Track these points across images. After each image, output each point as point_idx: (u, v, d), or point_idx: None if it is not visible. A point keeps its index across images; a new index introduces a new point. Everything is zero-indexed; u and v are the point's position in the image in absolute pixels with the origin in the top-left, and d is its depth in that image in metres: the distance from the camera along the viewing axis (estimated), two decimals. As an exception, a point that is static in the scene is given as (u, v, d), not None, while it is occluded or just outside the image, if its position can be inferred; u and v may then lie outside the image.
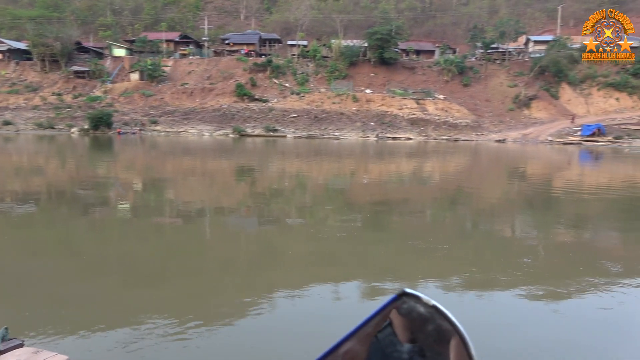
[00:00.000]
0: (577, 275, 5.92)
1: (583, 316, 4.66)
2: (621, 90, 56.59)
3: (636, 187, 16.27)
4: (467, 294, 5.23)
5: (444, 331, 0.57)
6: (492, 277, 5.74)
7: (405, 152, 30.62)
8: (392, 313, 0.60)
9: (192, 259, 6.41)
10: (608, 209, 11.47)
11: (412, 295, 0.62)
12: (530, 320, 4.54)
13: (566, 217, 10.33)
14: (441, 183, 16.53)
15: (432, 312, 0.60)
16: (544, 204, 12.29)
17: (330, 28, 71.56)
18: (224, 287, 5.38)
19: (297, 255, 6.71)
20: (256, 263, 6.38)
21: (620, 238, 8.54)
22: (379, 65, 59.46)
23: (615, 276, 5.85)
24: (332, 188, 14.21)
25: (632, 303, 5.01)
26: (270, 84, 57.08)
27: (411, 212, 10.32)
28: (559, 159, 29.01)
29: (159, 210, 9.85)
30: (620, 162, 27.06)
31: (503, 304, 4.88)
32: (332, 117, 52.21)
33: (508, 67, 61.02)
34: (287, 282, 5.47)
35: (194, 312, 4.56)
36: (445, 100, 55.14)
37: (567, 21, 73.72)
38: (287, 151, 30.03)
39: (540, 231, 8.84)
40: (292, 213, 9.94)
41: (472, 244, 7.63)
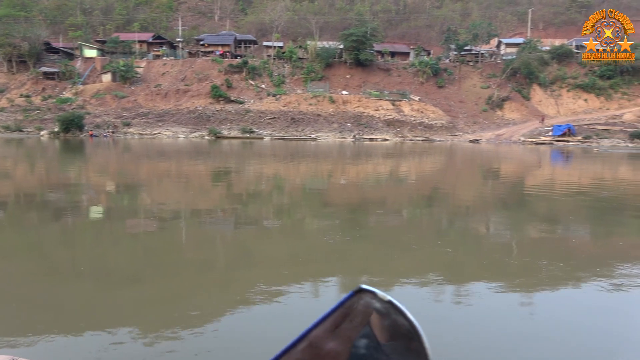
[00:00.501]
0: (552, 271, 6.02)
1: (559, 312, 4.73)
2: (589, 91, 58.47)
3: (605, 185, 16.77)
4: (443, 292, 5.25)
5: (399, 326, 0.60)
6: (468, 275, 5.78)
7: (382, 153, 30.84)
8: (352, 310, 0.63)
9: (168, 262, 6.25)
10: (580, 207, 11.77)
11: (368, 291, 0.63)
12: (505, 317, 4.57)
13: (539, 215, 10.54)
14: (418, 183, 16.68)
15: (388, 307, 0.62)
16: (517, 202, 12.52)
17: (305, 29, 71.62)
18: (201, 290, 5.25)
19: (274, 256, 6.62)
20: (233, 265, 6.27)
21: (592, 235, 8.75)
22: (355, 67, 59.84)
23: (588, 272, 5.97)
24: (310, 189, 14.16)
25: (604, 298, 5.11)
26: (246, 85, 56.73)
27: (389, 212, 10.36)
28: (532, 159, 29.70)
29: (133, 214, 9.61)
30: (590, 162, 27.90)
31: (479, 301, 4.91)
32: (309, 118, 52.24)
33: (481, 68, 62.30)
34: (265, 285, 5.38)
35: (171, 316, 4.43)
36: (420, 101, 55.87)
37: (536, 24, 75.78)
38: (264, 153, 29.85)
39: (514, 229, 8.99)
40: (270, 215, 9.84)
41: (448, 242, 7.69)
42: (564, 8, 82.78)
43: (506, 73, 58.62)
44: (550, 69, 59.73)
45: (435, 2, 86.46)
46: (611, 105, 57.15)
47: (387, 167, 21.86)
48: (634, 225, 9.58)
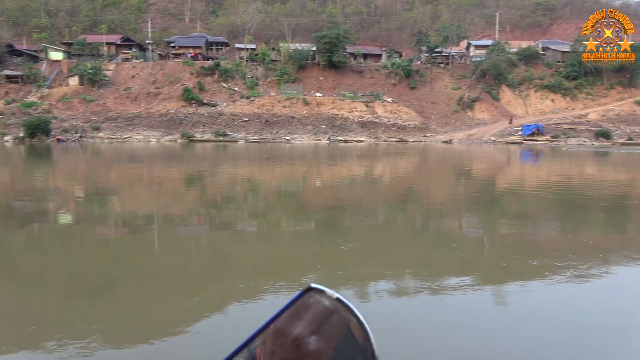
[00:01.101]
0: (524, 269, 6.14)
1: (531, 305, 4.82)
2: (556, 91, 60.26)
3: (572, 183, 17.30)
4: (419, 293, 5.29)
5: (347, 322, 0.63)
6: (441, 275, 5.83)
7: (357, 154, 31.00)
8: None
9: (140, 270, 6.09)
10: (550, 204, 12.09)
11: (318, 289, 0.66)
12: (480, 317, 4.63)
13: (510, 213, 10.77)
14: (392, 184, 16.82)
15: (336, 304, 0.64)
16: (489, 201, 12.78)
17: (278, 32, 71.43)
18: (174, 297, 5.13)
19: (250, 261, 6.54)
20: (208, 271, 6.16)
21: (563, 231, 8.99)
22: (328, 69, 59.99)
23: (559, 269, 6.11)
24: (285, 192, 14.09)
25: (574, 295, 5.24)
26: (218, 88, 56.12)
27: (364, 213, 10.39)
28: (502, 158, 30.39)
29: (104, 221, 9.35)
30: (559, 160, 28.75)
31: (451, 301, 4.96)
32: (283, 120, 52.08)
33: (451, 70, 63.38)
34: (241, 289, 5.31)
35: (143, 324, 4.31)
36: (393, 103, 56.44)
37: (504, 27, 77.70)
38: (238, 156, 29.58)
39: (486, 228, 9.15)
40: (245, 218, 9.74)
41: (422, 242, 7.76)
42: (530, 11, 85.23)
43: (476, 74, 59.83)
44: (518, 70, 61.30)
45: (406, 4, 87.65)
46: (576, 105, 59.06)
47: (362, 169, 21.98)
48: (601, 220, 9.90)
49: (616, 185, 16.16)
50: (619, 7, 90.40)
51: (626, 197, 13.67)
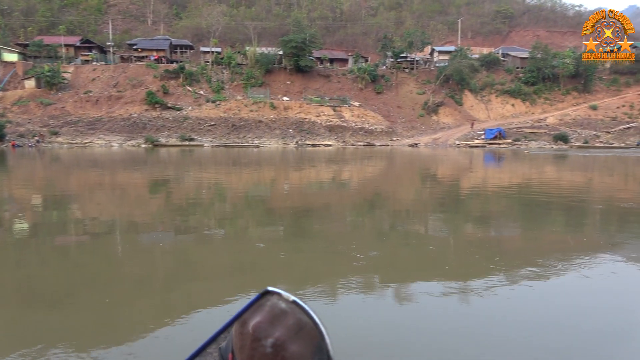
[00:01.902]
0: (490, 269, 6.23)
1: (494, 305, 4.88)
2: (516, 96, 62.42)
3: (532, 184, 17.88)
4: (386, 296, 5.28)
5: (304, 324, 0.63)
6: (409, 278, 5.85)
7: (325, 158, 31.05)
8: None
9: (101, 279, 5.81)
10: (513, 205, 12.42)
11: (274, 292, 0.67)
12: (449, 319, 4.64)
13: (475, 215, 10.98)
14: (360, 187, 16.89)
15: (293, 307, 0.65)
16: (455, 203, 13.01)
17: (243, 35, 70.95)
18: (138, 307, 4.92)
19: (217, 267, 6.37)
20: (173, 278, 5.95)
21: (524, 232, 9.22)
22: (295, 73, 60.00)
23: (521, 268, 6.24)
24: (253, 197, 13.90)
25: (536, 293, 5.35)
26: (183, 91, 55.12)
27: (332, 217, 10.36)
28: (467, 161, 31.12)
29: (63, 229, 8.92)
30: (520, 163, 29.68)
31: (420, 304, 4.96)
32: (251, 125, 51.66)
33: (416, 75, 64.62)
34: (206, 296, 5.14)
35: (106, 336, 4.09)
36: (360, 107, 56.99)
37: (465, 33, 80.00)
38: (204, 161, 29.06)
39: (452, 229, 9.28)
40: (211, 224, 9.52)
41: (390, 245, 7.78)
42: (490, 18, 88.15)
43: (440, 79, 61.21)
44: (480, 75, 63.14)
45: (371, 10, 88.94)
46: (536, 109, 61.33)
47: (330, 173, 22.00)
48: (560, 220, 10.23)
49: (582, 187, 16.80)
50: (572, 16, 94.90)
51: (588, 197, 14.22)
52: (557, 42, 78.00)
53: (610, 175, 21.80)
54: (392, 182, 19.17)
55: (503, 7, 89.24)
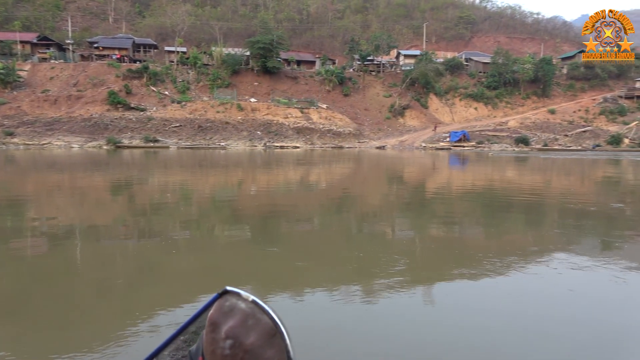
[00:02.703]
0: (456, 267, 6.32)
1: (459, 300, 4.94)
2: (479, 100, 64.21)
3: (495, 186, 18.37)
4: (354, 294, 5.26)
5: (263, 323, 0.63)
6: (377, 279, 5.85)
7: (293, 160, 30.95)
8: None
9: (59, 285, 5.53)
10: (477, 206, 12.70)
11: (233, 292, 0.67)
12: (411, 320, 4.67)
13: (439, 215, 11.16)
14: (328, 189, 16.90)
15: (252, 307, 0.64)
16: (420, 204, 13.19)
17: (209, 35, 69.94)
18: (98, 313, 4.70)
19: (181, 271, 6.18)
20: (135, 282, 5.73)
21: (485, 231, 9.43)
22: (263, 74, 59.60)
23: (481, 267, 6.36)
24: (219, 199, 13.66)
25: (497, 290, 5.45)
26: (147, 91, 53.75)
27: (299, 219, 10.29)
28: (433, 163, 31.70)
29: (17, 233, 8.47)
30: (484, 165, 30.46)
31: (386, 306, 4.97)
32: (217, 126, 50.91)
33: (383, 78, 65.41)
34: (169, 302, 4.97)
35: (63, 342, 3.88)
36: (328, 109, 57.16)
37: (430, 38, 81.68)
38: (169, 163, 28.41)
39: (416, 230, 9.40)
40: (176, 227, 9.27)
41: (357, 247, 7.79)
42: (453, 24, 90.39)
43: (406, 83, 62.21)
44: (444, 79, 64.58)
45: (337, 13, 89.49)
46: (497, 113, 63.25)
47: (298, 175, 21.92)
48: (519, 220, 10.53)
49: (542, 188, 17.38)
50: (530, 23, 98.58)
51: (546, 198, 14.73)
52: (516, 48, 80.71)
53: (567, 177, 22.69)
54: (361, 184, 19.28)
55: (465, 13, 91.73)
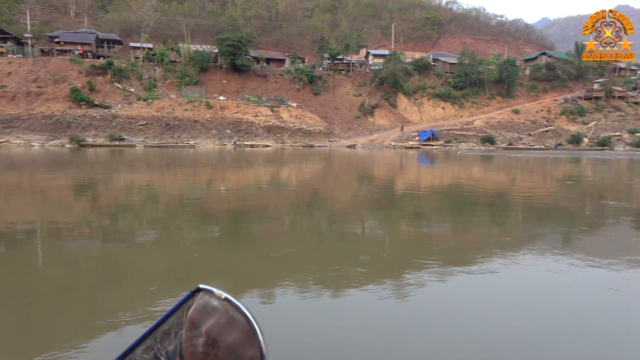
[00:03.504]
0: (423, 265, 6.41)
1: (427, 302, 5.01)
2: (446, 100, 65.52)
3: (462, 183, 18.78)
4: (322, 295, 5.26)
5: (236, 321, 0.63)
6: (345, 277, 5.87)
7: (263, 159, 30.74)
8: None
9: (18, 287, 5.28)
10: (446, 203, 12.93)
11: (206, 290, 0.66)
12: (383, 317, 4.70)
13: (409, 213, 11.31)
14: (298, 188, 16.86)
15: (225, 304, 0.64)
16: (390, 202, 13.33)
17: (176, 32, 68.57)
18: (61, 315, 4.51)
19: (147, 273, 6.02)
20: (100, 284, 5.54)
21: (453, 228, 9.61)
22: (232, 72, 58.92)
23: (449, 265, 6.48)
24: (188, 199, 13.41)
25: (464, 288, 5.56)
26: (112, 88, 52.26)
27: (269, 218, 10.22)
28: (402, 162, 32.12)
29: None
30: (452, 163, 31.07)
31: (353, 303, 4.99)
32: (186, 124, 50.01)
33: (352, 77, 65.82)
34: (135, 302, 4.83)
35: (25, 348, 3.70)
36: (298, 108, 57.06)
37: (398, 38, 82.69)
38: (136, 162, 27.69)
39: (386, 228, 9.49)
40: (143, 228, 9.03)
41: (327, 245, 7.80)
42: (420, 24, 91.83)
43: (375, 82, 62.80)
44: (412, 79, 65.56)
45: (306, 11, 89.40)
46: (464, 112, 64.73)
47: (268, 173, 21.78)
48: (486, 217, 10.79)
49: (507, 186, 17.86)
50: (494, 25, 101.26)
51: (511, 196, 15.16)
52: (481, 50, 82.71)
53: (530, 175, 23.43)
54: (333, 183, 19.33)
55: (432, 14, 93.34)
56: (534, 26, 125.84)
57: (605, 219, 10.78)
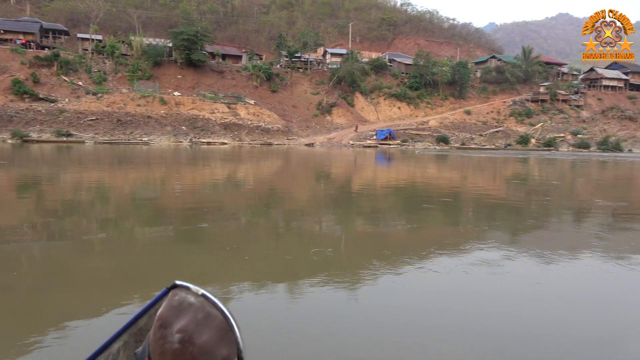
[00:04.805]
0: (374, 263, 6.50)
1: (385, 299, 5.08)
2: (402, 100, 66.89)
3: (417, 182, 19.23)
4: (277, 293, 5.24)
5: (213, 317, 0.62)
6: (300, 274, 5.87)
7: (220, 157, 30.22)
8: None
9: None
10: (398, 201, 13.19)
11: (183, 286, 0.65)
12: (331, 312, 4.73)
13: (365, 211, 11.45)
14: (255, 186, 16.69)
15: (202, 300, 0.63)
16: (347, 200, 13.45)
17: (126, 24, 66.16)
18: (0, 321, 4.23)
19: (97, 274, 5.74)
20: (44, 289, 5.23)
21: (406, 225, 9.82)
22: (187, 67, 57.56)
23: (400, 262, 6.61)
24: (140, 198, 12.96)
25: (414, 285, 5.69)
26: (58, 81, 49.77)
27: (225, 217, 10.05)
28: (361, 161, 32.49)
29: None
30: (408, 162, 31.74)
31: (310, 298, 5.01)
32: (138, 120, 48.34)
33: (310, 75, 65.92)
34: (84, 307, 4.60)
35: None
36: (256, 105, 56.52)
37: (354, 37, 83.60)
38: (85, 159, 26.49)
39: (343, 225, 9.56)
40: (91, 228, 8.63)
41: (282, 243, 7.76)
42: (376, 25, 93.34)
43: (332, 81, 63.17)
44: (369, 79, 66.46)
45: (263, 8, 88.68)
46: (419, 113, 66.32)
47: (225, 172, 21.42)
48: (439, 216, 11.10)
49: (461, 184, 18.44)
50: (447, 28, 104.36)
51: (464, 193, 15.67)
52: (434, 51, 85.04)
53: (482, 173, 24.34)
54: (291, 181, 19.26)
55: (388, 15, 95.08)
56: (483, 30, 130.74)
57: (549, 215, 11.35)
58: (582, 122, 68.19)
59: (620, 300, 5.31)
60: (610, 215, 11.44)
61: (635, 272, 6.42)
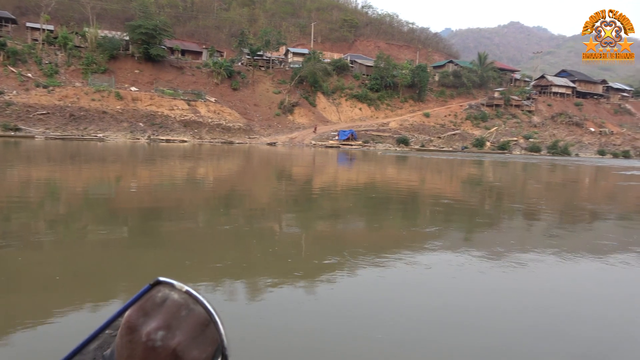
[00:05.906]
0: (339, 261, 6.57)
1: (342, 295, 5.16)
2: (363, 101, 67.62)
3: (377, 182, 19.54)
4: (236, 291, 5.22)
5: (197, 314, 0.61)
6: (261, 274, 5.86)
7: (179, 155, 29.55)
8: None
9: None
10: (360, 201, 13.36)
11: (167, 283, 0.64)
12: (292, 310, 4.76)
13: (326, 211, 11.53)
14: (215, 185, 16.46)
15: (186, 297, 0.63)
16: (308, 200, 13.50)
17: (80, 14, 63.52)
18: None
19: (45, 277, 5.50)
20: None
21: (369, 226, 9.97)
22: (145, 62, 55.87)
23: (363, 261, 6.72)
24: (94, 197, 12.49)
25: (376, 284, 5.80)
26: (5, 72, 47.17)
27: (183, 217, 9.86)
28: (322, 160, 32.62)
29: None
30: (369, 163, 32.13)
31: (270, 298, 5.02)
32: (93, 115, 46.47)
33: (272, 74, 65.50)
34: (31, 312, 4.41)
35: None
36: (216, 103, 55.62)
37: (316, 37, 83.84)
38: (34, 155, 25.22)
39: (303, 225, 9.60)
40: (40, 228, 8.25)
41: (242, 244, 7.71)
42: (338, 26, 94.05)
43: (295, 80, 63.07)
44: (331, 79, 66.81)
45: (223, 4, 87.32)
46: (379, 114, 67.29)
47: (184, 170, 20.98)
48: (399, 216, 11.34)
49: (420, 185, 18.85)
50: (406, 32, 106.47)
51: (422, 194, 16.04)
52: (394, 54, 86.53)
53: (439, 175, 25.02)
54: (251, 181, 19.10)
55: (349, 17, 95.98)
56: (441, 35, 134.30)
57: (500, 216, 11.83)
58: (534, 126, 71.32)
59: (561, 291, 5.63)
60: (557, 214, 12.06)
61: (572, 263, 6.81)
